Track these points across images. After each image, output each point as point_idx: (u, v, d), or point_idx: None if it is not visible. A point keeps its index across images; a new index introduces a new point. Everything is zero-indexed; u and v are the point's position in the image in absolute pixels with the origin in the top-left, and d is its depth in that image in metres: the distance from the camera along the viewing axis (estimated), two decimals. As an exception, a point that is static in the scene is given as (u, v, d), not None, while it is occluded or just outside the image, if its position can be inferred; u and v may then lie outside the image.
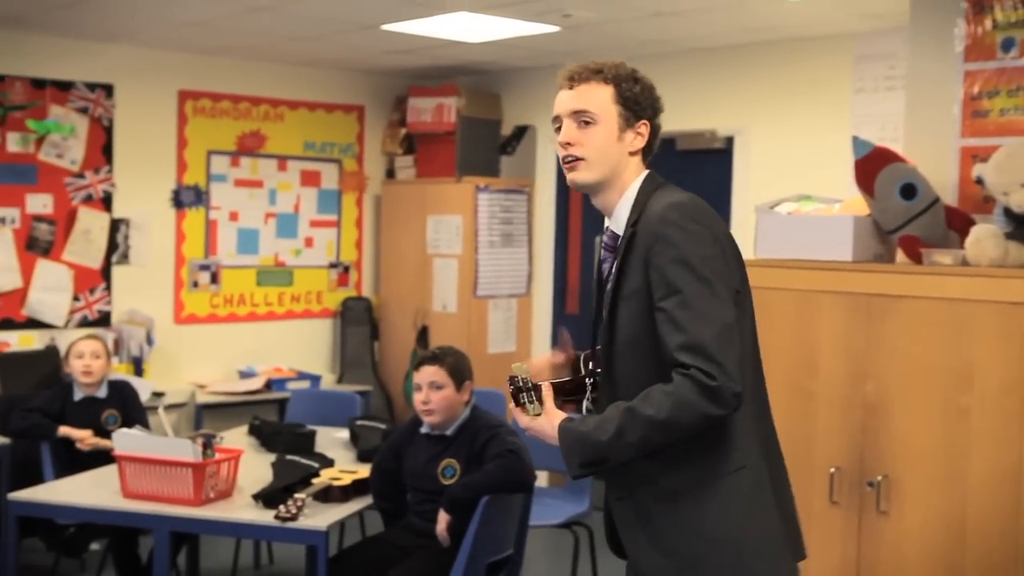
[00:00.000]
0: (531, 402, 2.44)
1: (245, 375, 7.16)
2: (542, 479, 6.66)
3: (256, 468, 4.56)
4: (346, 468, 4.49)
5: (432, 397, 4.12)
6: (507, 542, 4.18)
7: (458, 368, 4.18)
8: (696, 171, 6.71)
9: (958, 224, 3.73)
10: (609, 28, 6.10)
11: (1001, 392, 3.26)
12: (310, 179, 7.75)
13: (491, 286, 7.40)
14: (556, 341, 2.81)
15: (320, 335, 7.82)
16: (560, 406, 2.46)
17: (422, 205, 7.60)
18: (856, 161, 3.78)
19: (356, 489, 4.26)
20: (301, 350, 7.69)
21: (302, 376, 7.19)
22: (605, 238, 2.53)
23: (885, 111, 5.90)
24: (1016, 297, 3.27)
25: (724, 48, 6.54)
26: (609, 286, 2.44)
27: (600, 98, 2.48)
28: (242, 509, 4.11)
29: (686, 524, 2.36)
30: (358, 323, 7.78)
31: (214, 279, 7.32)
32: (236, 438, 5.22)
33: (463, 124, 7.47)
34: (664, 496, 2.38)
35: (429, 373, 4.14)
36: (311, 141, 7.74)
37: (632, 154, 2.49)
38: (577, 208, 7.47)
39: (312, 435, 5.06)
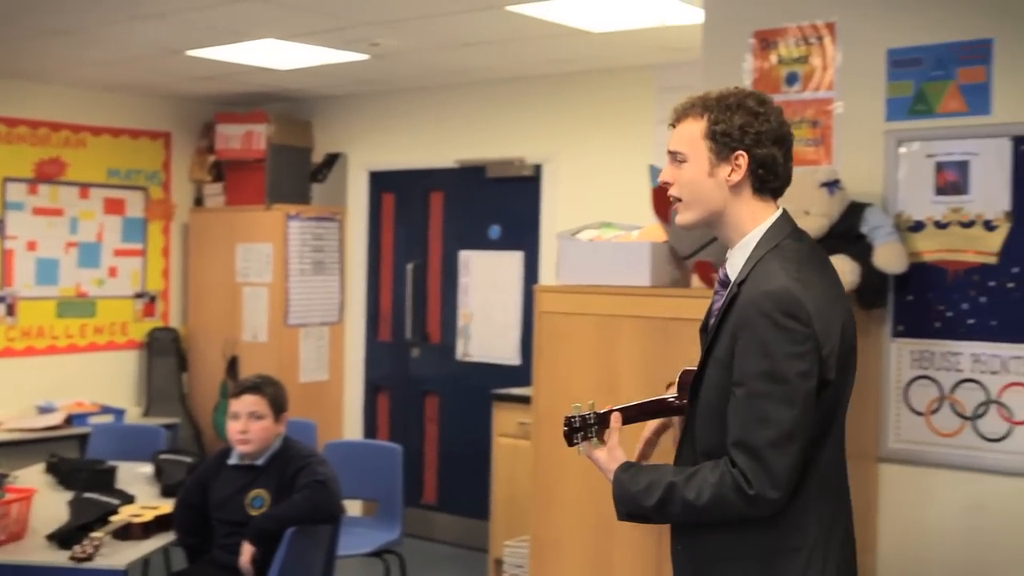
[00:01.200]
0: (588, 437, 2.42)
1: (44, 410, 6.88)
2: (354, 508, 6.60)
3: (52, 507, 4.36)
4: (148, 504, 4.35)
5: (251, 427, 4.06)
6: (314, 573, 4.13)
7: (277, 399, 4.14)
8: (506, 198, 6.81)
9: (749, 250, 3.89)
10: (418, 57, 6.14)
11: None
12: (114, 207, 7.53)
13: (302, 314, 7.32)
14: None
15: (125, 367, 7.57)
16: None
17: (231, 233, 7.48)
18: (653, 189, 3.91)
19: (158, 525, 4.13)
20: (105, 383, 7.43)
21: (105, 410, 6.95)
22: (720, 274, 2.44)
23: (685, 141, 6.10)
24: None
25: (532, 78, 6.67)
26: (710, 333, 2.36)
27: (690, 134, 2.37)
28: (35, 551, 3.93)
29: None
30: (165, 354, 7.58)
31: (10, 311, 7.01)
32: (32, 477, 5.00)
33: (273, 151, 7.39)
34: (718, 560, 2.35)
35: (249, 403, 4.08)
36: (115, 168, 7.52)
37: (735, 188, 2.35)
38: (389, 236, 7.48)
39: (113, 471, 4.89)
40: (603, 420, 2.43)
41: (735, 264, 2.36)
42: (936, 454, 3.70)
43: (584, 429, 2.42)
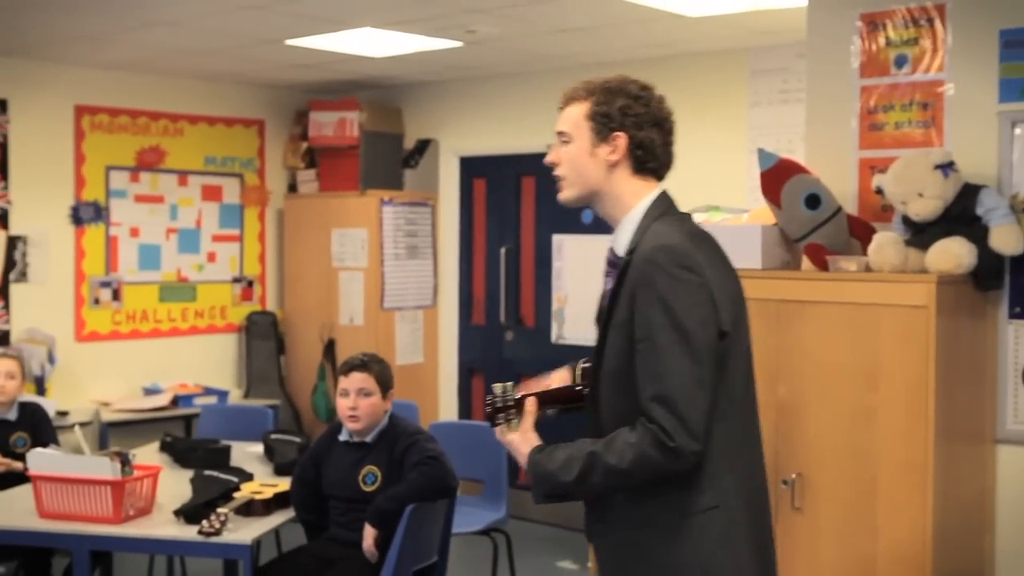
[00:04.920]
0: (509, 420, 2.44)
1: (150, 392, 7.07)
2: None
3: (172, 485, 4.51)
4: (266, 482, 4.49)
5: (360, 404, 4.16)
6: (432, 549, 4.23)
7: (384, 376, 4.23)
8: (598, 183, 6.86)
9: (860, 232, 3.91)
10: (512, 44, 6.20)
11: (905, 391, 3.43)
12: (211, 194, 7.70)
13: (397, 298, 7.44)
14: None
15: (225, 350, 7.76)
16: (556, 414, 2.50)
17: (326, 219, 7.61)
18: (762, 173, 3.93)
19: (277, 502, 4.26)
20: (206, 366, 7.62)
21: (209, 392, 7.13)
22: (608, 253, 2.52)
23: (780, 123, 6.11)
24: (917, 301, 3.45)
25: (625, 63, 6.68)
26: (605, 307, 2.43)
27: (574, 116, 2.49)
28: (163, 526, 4.08)
29: (654, 560, 2.36)
30: (263, 337, 7.74)
31: (116, 296, 7.21)
32: (148, 455, 5.16)
33: (366, 138, 7.51)
34: (635, 529, 2.38)
35: (358, 380, 4.18)
36: (212, 156, 7.69)
37: (614, 167, 2.45)
38: (481, 220, 7.56)
39: (227, 450, 5.04)
40: (520, 404, 2.46)
41: (622, 240, 2.45)
42: (1055, 434, 3.71)
43: (505, 411, 2.45)
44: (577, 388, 2.52)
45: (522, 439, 2.43)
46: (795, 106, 5.91)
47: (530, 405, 2.46)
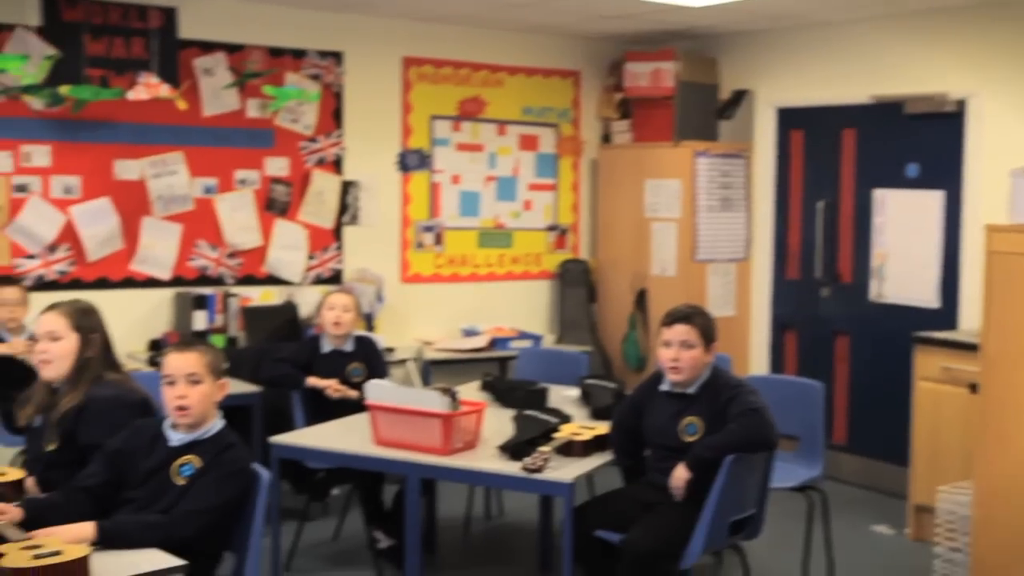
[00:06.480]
0: None
1: (469, 333, 7.36)
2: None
3: (493, 421, 4.70)
4: (584, 424, 4.60)
5: (681, 356, 4.18)
6: (750, 501, 4.22)
7: (707, 329, 4.23)
8: (925, 135, 6.56)
9: None
10: (839, -11, 6.00)
11: None
12: (528, 143, 7.89)
13: (710, 250, 7.40)
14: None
15: (539, 296, 7.97)
16: None
17: (639, 169, 7.64)
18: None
19: (596, 445, 4.36)
20: (521, 310, 7.86)
21: (523, 336, 7.35)
22: None
23: None
24: None
25: (955, 9, 6.34)
26: None
27: None
28: (487, 460, 4.26)
29: None
30: (576, 285, 7.89)
31: (438, 240, 7.54)
32: (469, 393, 5.37)
33: (681, 89, 7.46)
34: None
35: (681, 332, 4.19)
36: (529, 106, 7.87)
37: None
38: (798, 174, 7.38)
39: (545, 392, 5.20)
40: None
41: None
42: None
43: None
44: None
45: None
46: None
47: None
